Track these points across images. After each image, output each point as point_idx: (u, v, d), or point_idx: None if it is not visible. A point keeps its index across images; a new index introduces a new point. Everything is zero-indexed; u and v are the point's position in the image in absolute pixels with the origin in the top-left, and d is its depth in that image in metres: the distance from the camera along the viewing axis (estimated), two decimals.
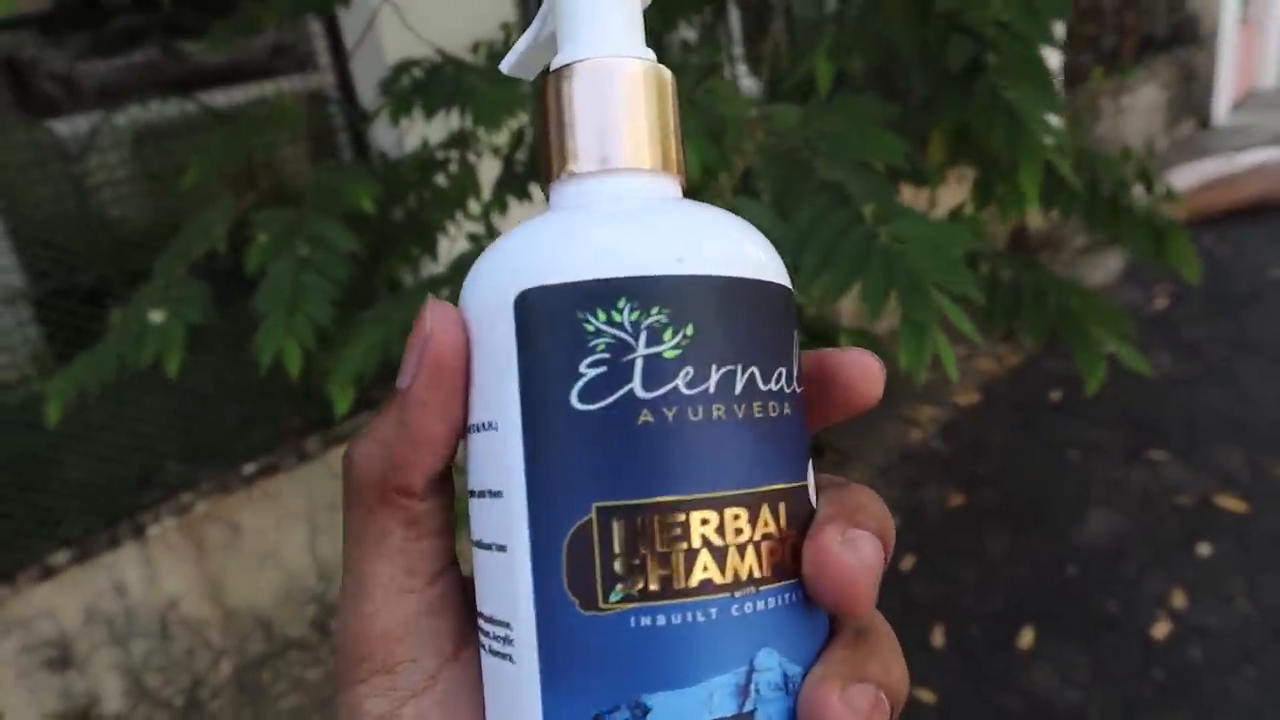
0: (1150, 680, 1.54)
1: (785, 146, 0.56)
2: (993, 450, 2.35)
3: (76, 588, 1.43)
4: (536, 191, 1.13)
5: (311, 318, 0.81)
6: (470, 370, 0.21)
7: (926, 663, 1.62)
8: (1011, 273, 0.94)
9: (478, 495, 0.21)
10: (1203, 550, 1.84)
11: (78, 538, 1.44)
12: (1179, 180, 3.69)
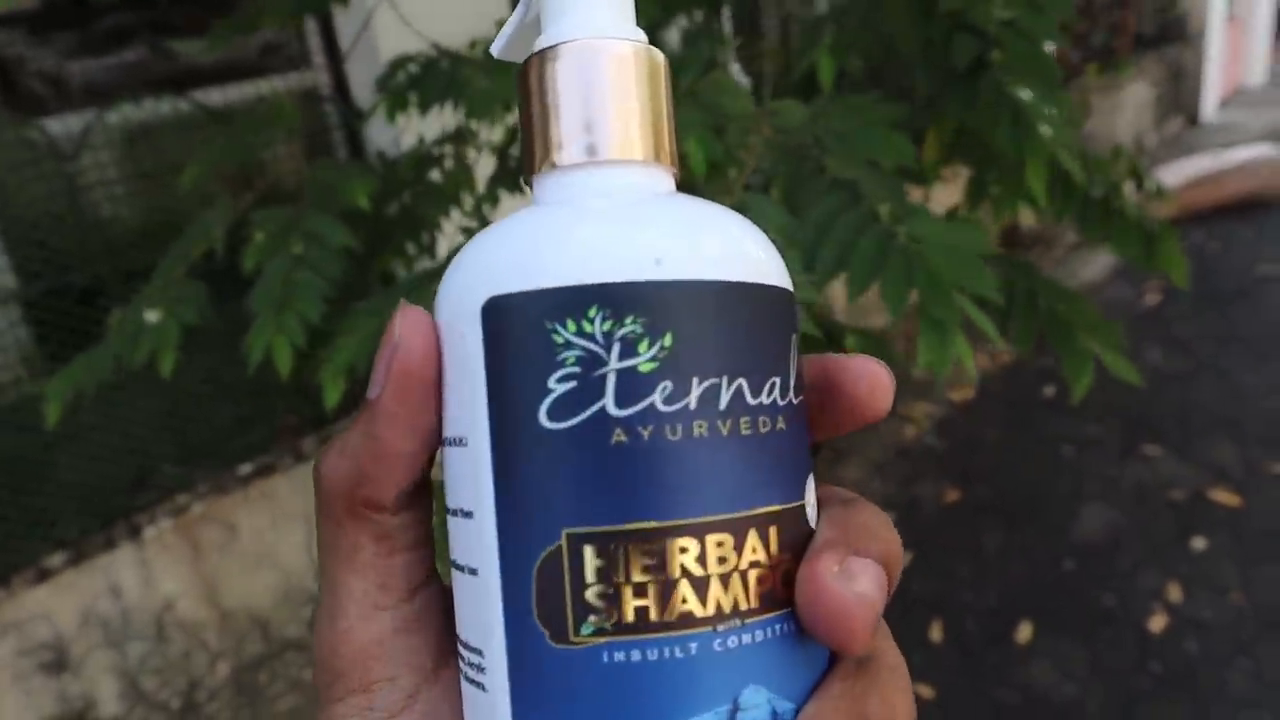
0: (1147, 673, 1.55)
1: (793, 143, 0.56)
2: (987, 446, 2.36)
3: (72, 590, 1.42)
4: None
5: (302, 315, 0.80)
6: (443, 380, 0.20)
7: (924, 658, 1.63)
8: (1003, 274, 0.94)
9: (452, 513, 0.20)
10: (1197, 544, 1.86)
11: (73, 540, 1.43)
12: (1168, 177, 3.71)
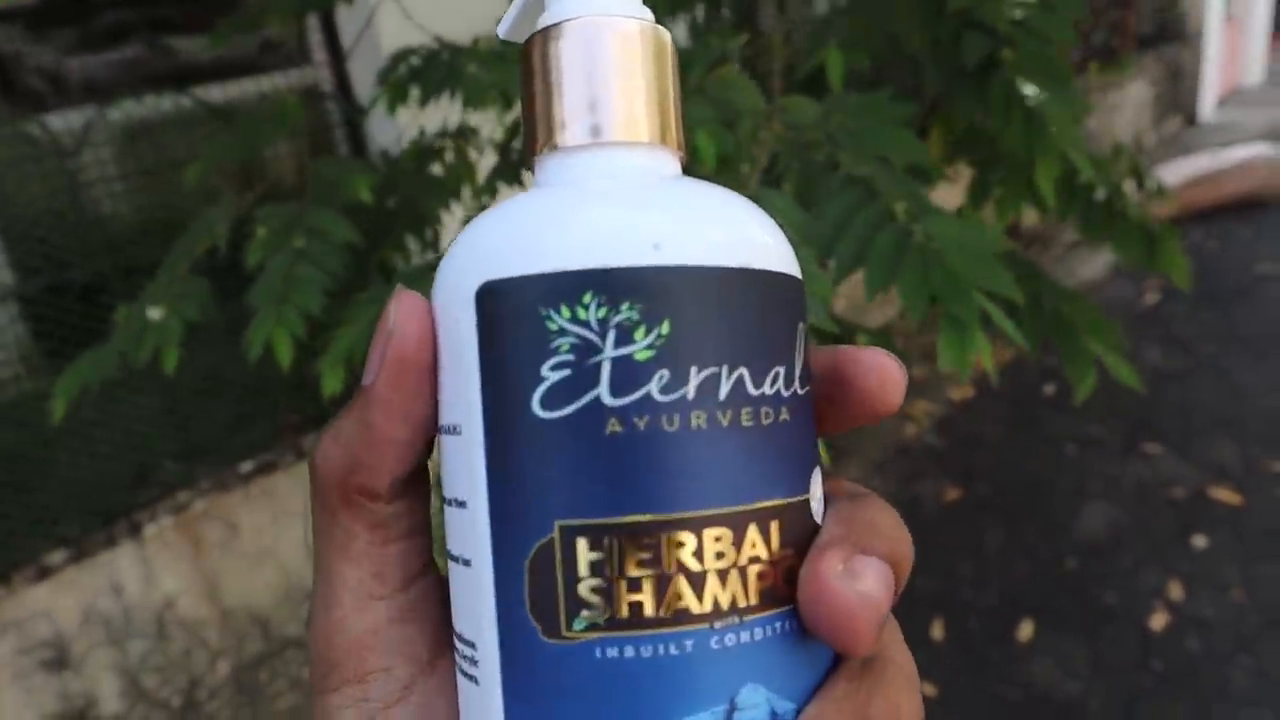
0: (1149, 671, 1.55)
1: (805, 140, 0.56)
2: (988, 444, 2.36)
3: (73, 588, 1.42)
4: (530, 177, 1.12)
5: (301, 307, 0.79)
6: (438, 366, 0.19)
7: (926, 657, 1.63)
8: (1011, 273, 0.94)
9: (448, 503, 0.20)
10: (1198, 542, 1.86)
11: (74, 537, 1.43)
12: (1166, 176, 3.72)
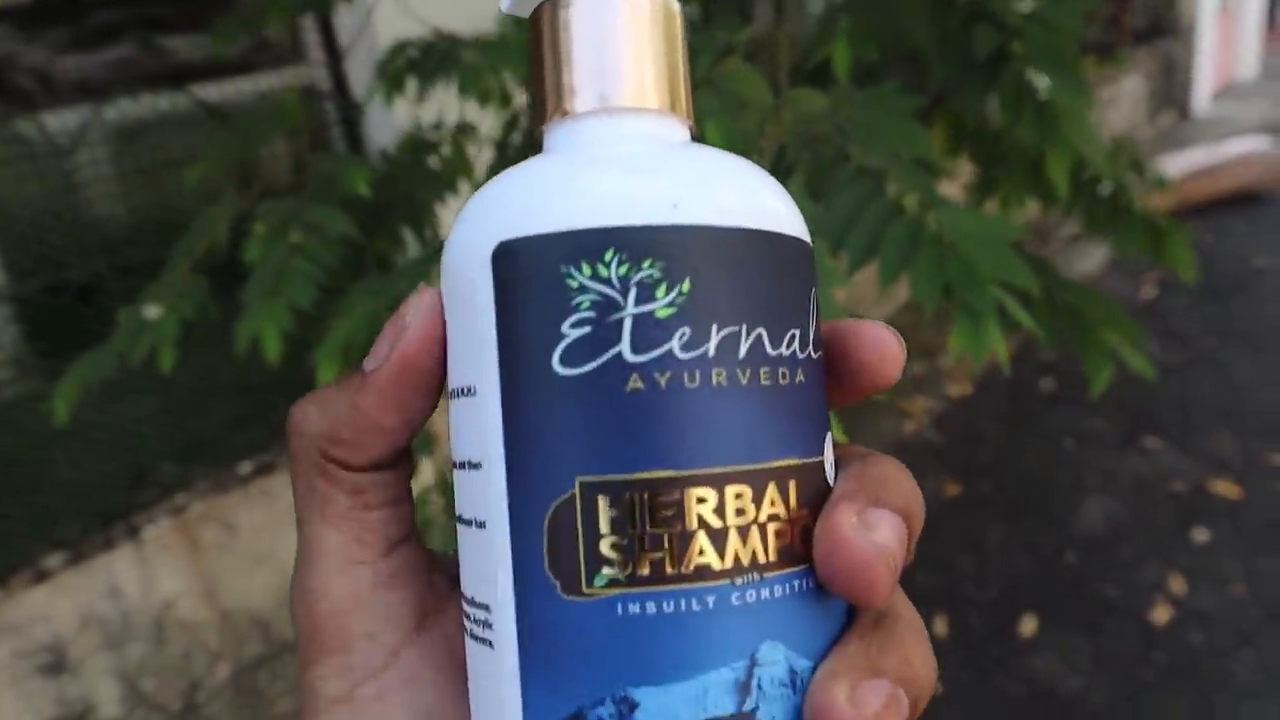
0: (1151, 665, 1.55)
1: (815, 132, 0.55)
2: (987, 440, 2.36)
3: (70, 591, 1.41)
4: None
5: (292, 301, 0.79)
6: (447, 335, 0.20)
7: None
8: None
9: (459, 466, 0.20)
10: (1199, 536, 1.86)
11: (71, 540, 1.42)
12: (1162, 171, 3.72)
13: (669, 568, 0.17)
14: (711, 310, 0.18)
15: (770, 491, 0.18)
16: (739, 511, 0.18)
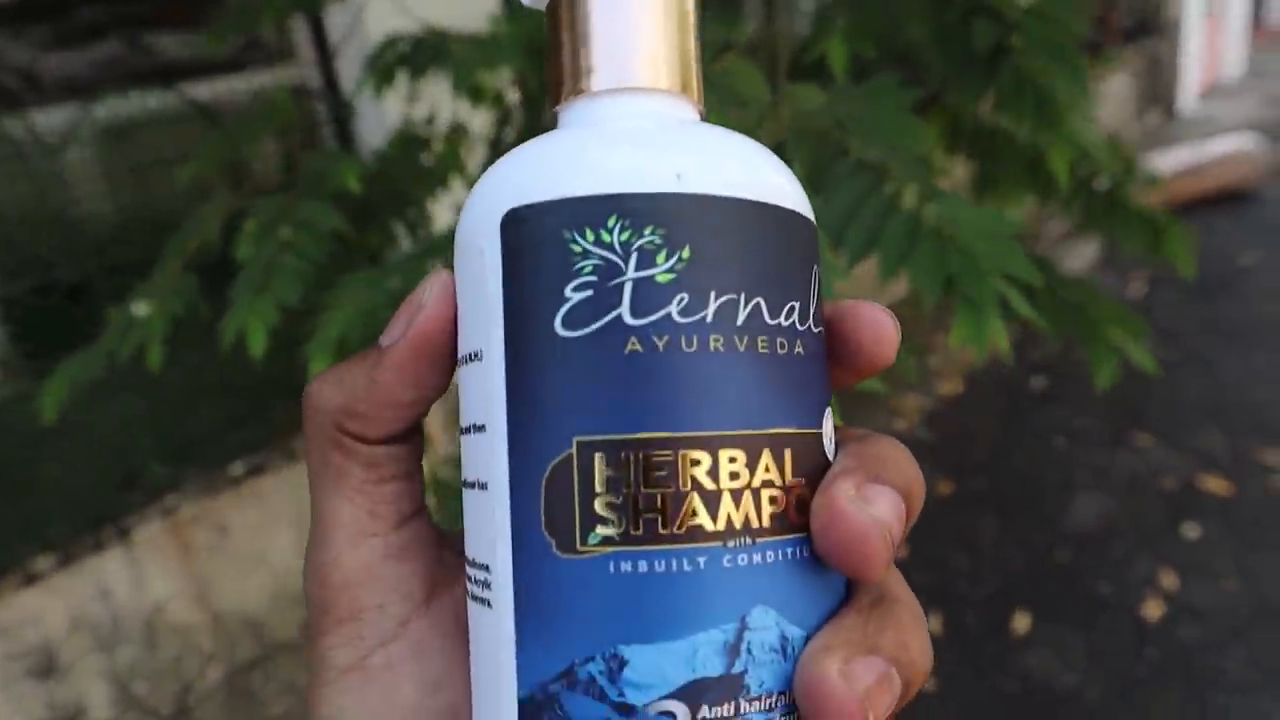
0: (1144, 660, 1.56)
1: (813, 127, 0.55)
2: (979, 438, 2.37)
3: (61, 594, 1.40)
4: None
5: (279, 296, 0.78)
6: (458, 303, 0.20)
7: None
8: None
9: (465, 431, 0.20)
10: (1190, 532, 1.87)
11: (62, 542, 1.40)
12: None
13: (662, 527, 0.17)
14: (710, 277, 0.18)
15: (765, 458, 0.18)
16: (733, 475, 0.18)
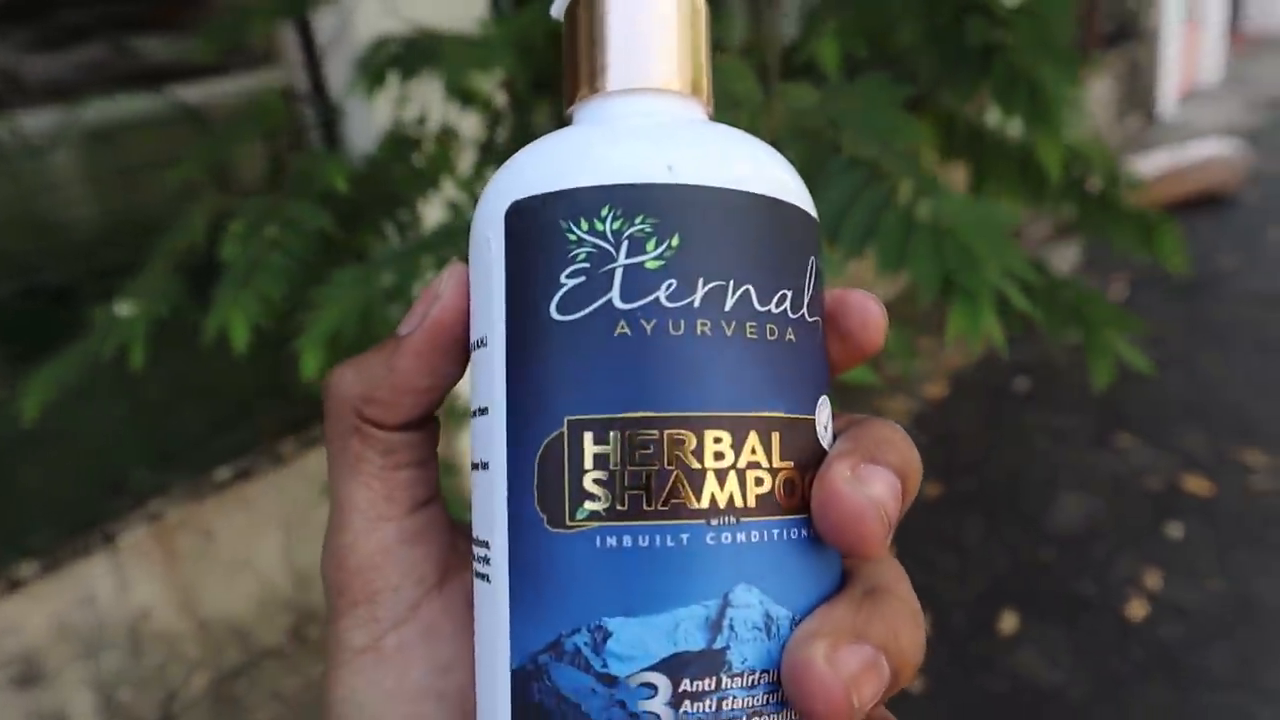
0: (1129, 659, 1.57)
1: (806, 125, 0.56)
2: (964, 440, 2.38)
3: (44, 600, 1.38)
4: None
5: (263, 293, 0.77)
6: (470, 294, 0.21)
7: None
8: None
9: (474, 415, 0.21)
10: (1173, 532, 1.88)
11: (45, 548, 1.39)
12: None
13: (647, 504, 0.18)
14: (698, 264, 0.19)
15: (751, 440, 0.19)
16: (718, 455, 0.18)
